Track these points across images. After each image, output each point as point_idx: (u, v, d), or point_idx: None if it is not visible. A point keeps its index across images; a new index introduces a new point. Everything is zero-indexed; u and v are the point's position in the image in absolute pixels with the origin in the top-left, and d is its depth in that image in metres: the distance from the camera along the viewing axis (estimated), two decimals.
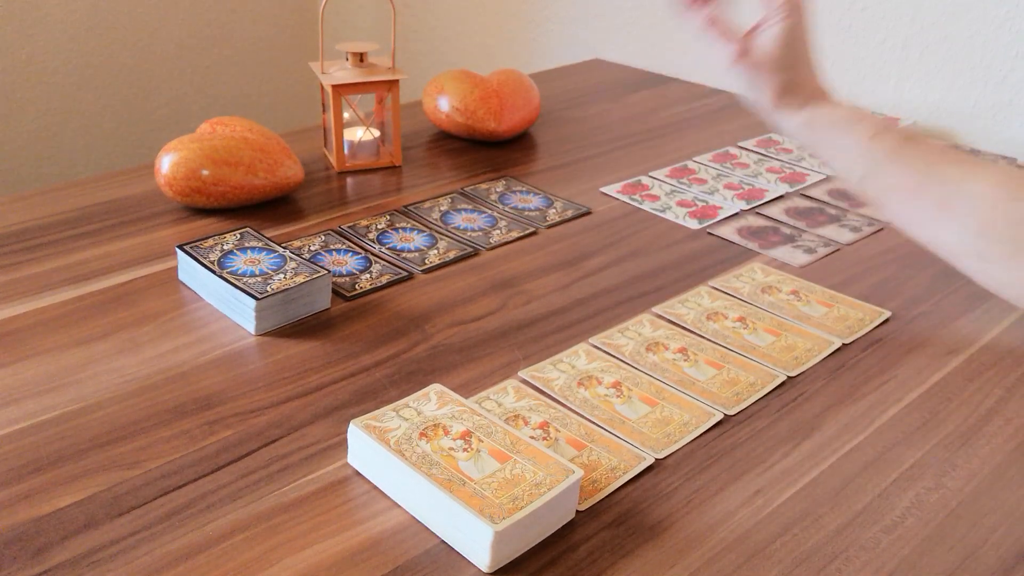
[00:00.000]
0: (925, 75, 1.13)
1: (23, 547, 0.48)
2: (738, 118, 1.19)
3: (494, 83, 1.07)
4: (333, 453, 0.56)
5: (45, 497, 0.51)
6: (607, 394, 0.61)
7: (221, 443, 0.56)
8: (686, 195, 0.95)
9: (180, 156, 0.83)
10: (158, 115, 1.80)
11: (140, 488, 0.52)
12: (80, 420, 0.58)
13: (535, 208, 0.91)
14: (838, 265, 0.81)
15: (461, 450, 0.51)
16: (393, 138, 0.98)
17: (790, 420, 0.60)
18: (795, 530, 0.51)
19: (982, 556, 0.49)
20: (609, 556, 0.48)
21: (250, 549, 0.48)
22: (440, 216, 0.88)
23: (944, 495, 0.54)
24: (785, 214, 0.91)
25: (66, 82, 1.66)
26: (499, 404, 0.60)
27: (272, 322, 0.68)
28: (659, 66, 1.42)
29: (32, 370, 0.62)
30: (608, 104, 1.24)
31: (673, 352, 0.66)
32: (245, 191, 0.85)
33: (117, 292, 0.73)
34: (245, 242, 0.75)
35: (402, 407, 0.55)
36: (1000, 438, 0.59)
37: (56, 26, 1.62)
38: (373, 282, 0.75)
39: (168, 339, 0.66)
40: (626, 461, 0.55)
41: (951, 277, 0.79)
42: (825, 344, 0.68)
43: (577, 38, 1.54)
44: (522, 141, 1.09)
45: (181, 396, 0.60)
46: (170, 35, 1.77)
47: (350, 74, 0.93)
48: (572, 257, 0.81)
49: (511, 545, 0.48)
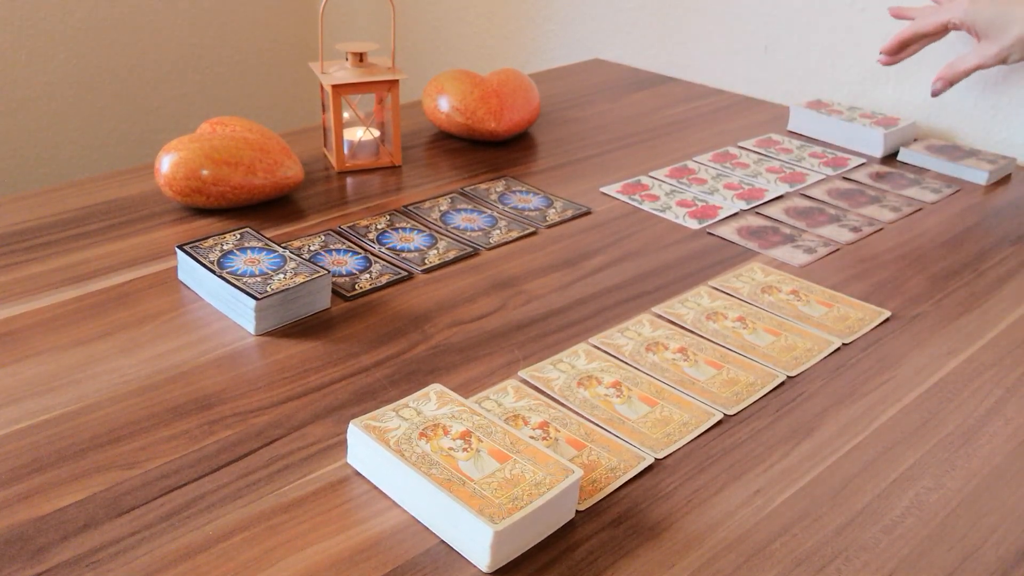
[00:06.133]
0: (925, 75, 1.13)
1: (23, 547, 0.48)
2: (738, 118, 1.19)
3: (494, 83, 1.07)
4: (333, 453, 0.56)
5: (45, 497, 0.51)
6: (607, 394, 0.61)
7: (221, 443, 0.56)
8: (686, 195, 0.95)
9: (180, 156, 0.83)
10: (158, 115, 1.80)
11: (140, 488, 0.52)
12: (80, 420, 0.58)
13: (535, 208, 0.91)
14: (838, 265, 0.81)
15: (461, 450, 0.51)
16: (393, 138, 0.98)
17: (790, 420, 0.60)
18: (795, 530, 0.51)
19: (982, 556, 0.49)
20: (609, 556, 0.48)
21: (250, 549, 0.48)
22: (440, 216, 0.88)
23: (944, 495, 0.54)
24: (785, 214, 0.91)
25: (66, 82, 1.66)
26: (499, 404, 0.60)
27: (272, 322, 0.68)
28: (659, 66, 1.42)
29: (32, 370, 0.62)
30: (608, 104, 1.24)
31: (673, 352, 0.66)
32: (245, 191, 0.85)
33: (117, 292, 0.73)
34: (245, 242, 0.75)
35: (402, 407, 0.55)
36: (1000, 438, 0.59)
37: (56, 26, 1.62)
38: (373, 282, 0.75)
39: (168, 339, 0.66)
40: (626, 461, 0.55)
41: (951, 277, 0.79)
42: (825, 344, 0.68)
43: (577, 38, 1.54)
44: (522, 141, 1.09)
45: (181, 396, 0.60)
46: (170, 35, 1.77)
47: (350, 74, 0.93)
48: (572, 257, 0.81)
49: (511, 545, 0.48)
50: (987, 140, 1.10)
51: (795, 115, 1.14)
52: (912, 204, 0.94)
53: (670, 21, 1.40)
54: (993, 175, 1.00)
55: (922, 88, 1.14)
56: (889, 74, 1.17)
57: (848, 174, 1.01)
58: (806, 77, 1.25)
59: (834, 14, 1.20)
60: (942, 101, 1.13)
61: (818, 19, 1.22)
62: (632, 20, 1.45)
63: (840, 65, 1.21)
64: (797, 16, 1.24)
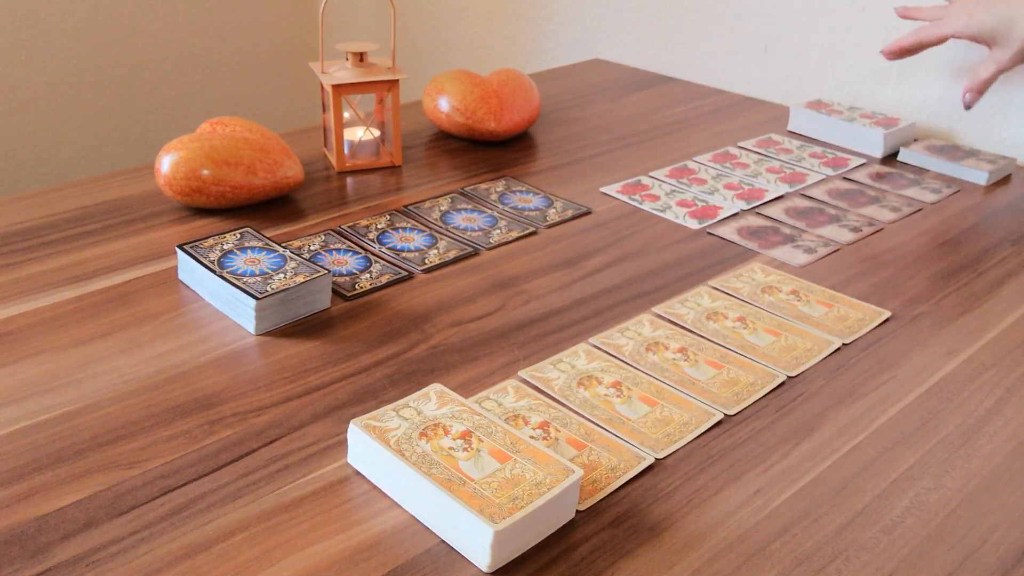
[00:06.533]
0: (925, 75, 1.13)
1: (23, 547, 0.48)
2: (738, 118, 1.19)
3: (494, 83, 1.07)
4: (333, 453, 0.56)
5: (45, 497, 0.51)
6: (607, 394, 0.61)
7: (221, 443, 0.56)
8: (686, 195, 0.95)
9: (180, 156, 0.83)
10: (158, 115, 1.80)
11: (140, 488, 0.52)
12: (80, 420, 0.58)
13: (535, 208, 0.91)
14: (838, 265, 0.81)
15: (461, 450, 0.51)
16: (393, 138, 0.98)
17: (790, 420, 0.60)
18: (795, 530, 0.51)
19: (982, 556, 0.49)
20: (609, 556, 0.48)
21: (250, 549, 0.48)
22: (440, 216, 0.88)
23: (944, 495, 0.54)
24: (785, 214, 0.91)
25: (66, 82, 1.66)
26: (499, 404, 0.60)
27: (272, 322, 0.68)
28: (659, 66, 1.42)
29: (32, 370, 0.62)
30: (608, 104, 1.24)
31: (673, 352, 0.66)
32: (245, 191, 0.85)
33: (117, 292, 0.73)
34: (245, 242, 0.75)
35: (402, 407, 0.55)
36: (1000, 438, 0.59)
37: (56, 26, 1.62)
38: (373, 282, 0.75)
39: (168, 339, 0.66)
40: (626, 461, 0.55)
41: (951, 277, 0.79)
42: (825, 344, 0.68)
43: (577, 38, 1.54)
44: (522, 141, 1.09)
45: (181, 396, 0.60)
46: (170, 35, 1.77)
47: (350, 74, 0.93)
48: (572, 257, 0.81)
49: (511, 545, 0.48)
50: (987, 140, 1.10)
51: (795, 115, 1.14)
52: (912, 204, 0.94)
53: (670, 21, 1.40)
54: (993, 175, 1.00)
55: (922, 88, 1.14)
56: (889, 74, 1.17)
57: (848, 174, 1.01)
58: (806, 77, 1.25)
59: (834, 14, 1.20)
60: (942, 101, 1.13)
61: (818, 19, 1.22)
62: (632, 20, 1.45)
63: (840, 65, 1.21)
64: (797, 16, 1.24)
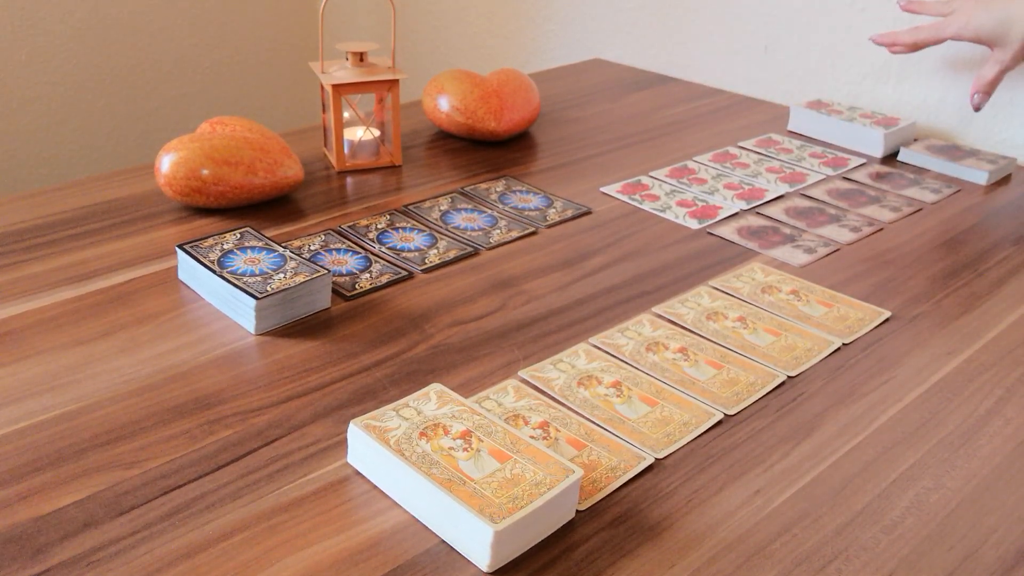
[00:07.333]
0: (925, 75, 1.13)
1: (23, 547, 0.48)
2: (738, 118, 1.19)
3: (494, 83, 1.07)
4: (333, 453, 0.56)
5: (45, 497, 0.51)
6: (607, 394, 0.61)
7: (221, 443, 0.56)
8: (686, 195, 0.95)
9: (180, 156, 0.83)
10: (158, 115, 1.80)
11: (140, 488, 0.52)
12: (80, 420, 0.58)
13: (535, 208, 0.91)
14: (838, 265, 0.81)
15: (461, 450, 0.51)
16: (393, 138, 0.98)
17: (790, 420, 0.60)
18: (795, 530, 0.51)
19: (982, 556, 0.49)
20: (609, 556, 0.48)
21: (250, 549, 0.48)
22: (440, 216, 0.88)
23: (944, 495, 0.54)
24: (785, 214, 0.91)
25: (66, 82, 1.66)
26: (499, 404, 0.60)
27: (272, 322, 0.68)
28: (659, 66, 1.42)
29: (32, 370, 0.62)
30: (608, 104, 1.24)
31: (673, 352, 0.66)
32: (245, 191, 0.85)
33: (117, 292, 0.73)
34: (245, 242, 0.75)
35: (402, 407, 0.55)
36: (1000, 438, 0.59)
37: (56, 26, 1.62)
38: (373, 282, 0.75)
39: (168, 339, 0.66)
40: (626, 461, 0.55)
41: (951, 277, 0.79)
42: (825, 344, 0.68)
43: (577, 38, 1.54)
44: (522, 141, 1.09)
45: (181, 396, 0.60)
46: (170, 35, 1.77)
47: (350, 74, 0.93)
48: (572, 257, 0.81)
49: (511, 545, 0.48)
50: (987, 140, 1.10)
51: (795, 115, 1.14)
52: (912, 204, 0.94)
53: (670, 21, 1.40)
54: (993, 175, 1.00)
55: (922, 88, 1.14)
56: (889, 74, 1.17)
57: (848, 174, 1.01)
58: (806, 77, 1.25)
59: (834, 14, 1.20)
60: (942, 101, 1.13)
61: (818, 19, 1.22)
62: (632, 20, 1.45)
63: (840, 65, 1.21)
64: (797, 16, 1.24)
